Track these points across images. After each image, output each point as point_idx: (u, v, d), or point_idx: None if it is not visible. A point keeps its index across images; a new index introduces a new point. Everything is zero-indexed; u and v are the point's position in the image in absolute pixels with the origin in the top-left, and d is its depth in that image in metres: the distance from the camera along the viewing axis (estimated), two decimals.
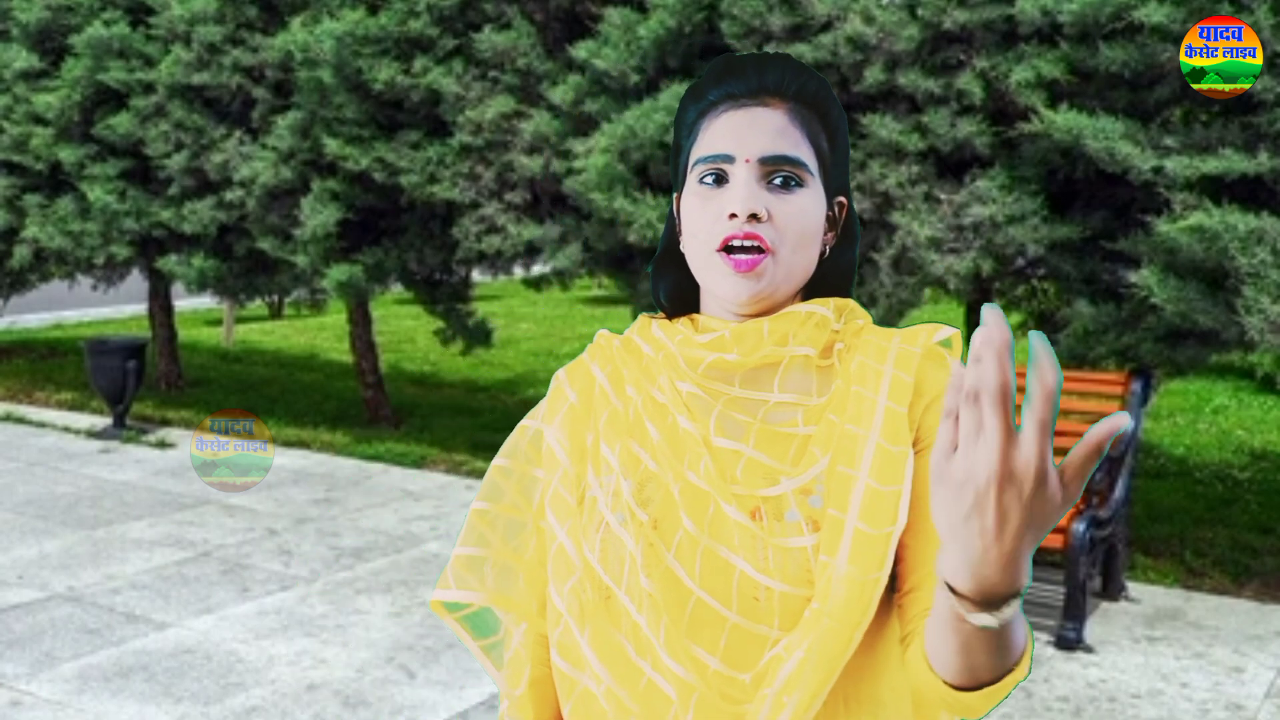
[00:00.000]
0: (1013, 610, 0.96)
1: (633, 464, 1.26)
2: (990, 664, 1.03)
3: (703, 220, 1.26)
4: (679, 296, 1.36)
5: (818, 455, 1.21)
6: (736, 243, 1.24)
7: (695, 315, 1.34)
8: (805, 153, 1.27)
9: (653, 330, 1.34)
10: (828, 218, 1.31)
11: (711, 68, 1.32)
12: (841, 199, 1.33)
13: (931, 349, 1.27)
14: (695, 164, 1.28)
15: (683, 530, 1.22)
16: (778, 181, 1.25)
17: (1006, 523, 0.88)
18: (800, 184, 1.26)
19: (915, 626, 1.16)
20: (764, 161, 1.25)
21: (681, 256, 1.34)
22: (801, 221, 1.25)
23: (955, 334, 1.28)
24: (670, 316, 1.36)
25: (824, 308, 1.28)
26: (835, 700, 1.18)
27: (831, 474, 1.19)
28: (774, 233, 1.24)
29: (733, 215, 1.23)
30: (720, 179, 1.26)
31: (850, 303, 1.32)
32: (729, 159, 1.26)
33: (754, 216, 1.23)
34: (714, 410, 1.26)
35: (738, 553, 1.19)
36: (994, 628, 0.97)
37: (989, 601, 0.95)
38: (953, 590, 0.96)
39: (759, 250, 1.23)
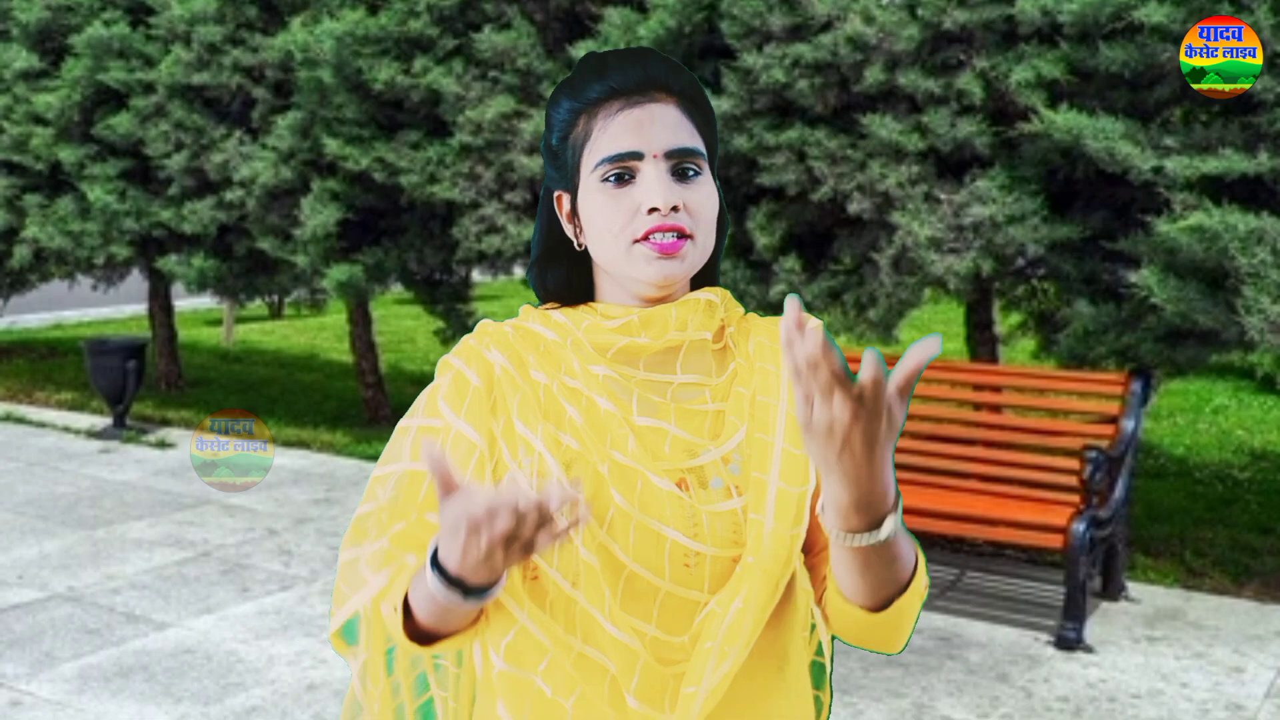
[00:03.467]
0: (894, 523, 1.13)
1: (555, 445, 1.29)
2: (890, 576, 1.18)
3: (617, 217, 1.30)
4: (567, 288, 1.39)
5: (737, 424, 1.31)
6: (659, 235, 1.28)
7: (593, 304, 1.37)
8: (699, 143, 1.33)
9: (555, 317, 1.37)
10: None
11: (585, 65, 1.35)
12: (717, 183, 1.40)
13: None
14: (599, 164, 1.30)
15: (614, 507, 1.26)
16: (683, 172, 1.31)
17: (873, 445, 1.05)
18: (699, 172, 1.32)
19: (828, 575, 1.28)
20: (669, 155, 1.30)
21: (567, 251, 1.38)
22: (709, 207, 1.32)
23: (819, 325, 1.39)
24: (561, 304, 1.39)
25: (715, 295, 1.36)
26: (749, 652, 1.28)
27: (750, 440, 1.30)
28: (690, 220, 1.30)
29: (653, 210, 1.28)
30: (624, 176, 1.30)
31: (727, 292, 1.41)
32: (638, 155, 1.29)
33: (674, 208, 1.28)
34: (633, 391, 1.32)
35: (669, 523, 1.26)
36: (883, 540, 1.13)
37: (874, 519, 1.12)
38: (843, 527, 1.13)
39: (680, 236, 1.29)
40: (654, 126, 1.30)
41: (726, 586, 1.26)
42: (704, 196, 1.31)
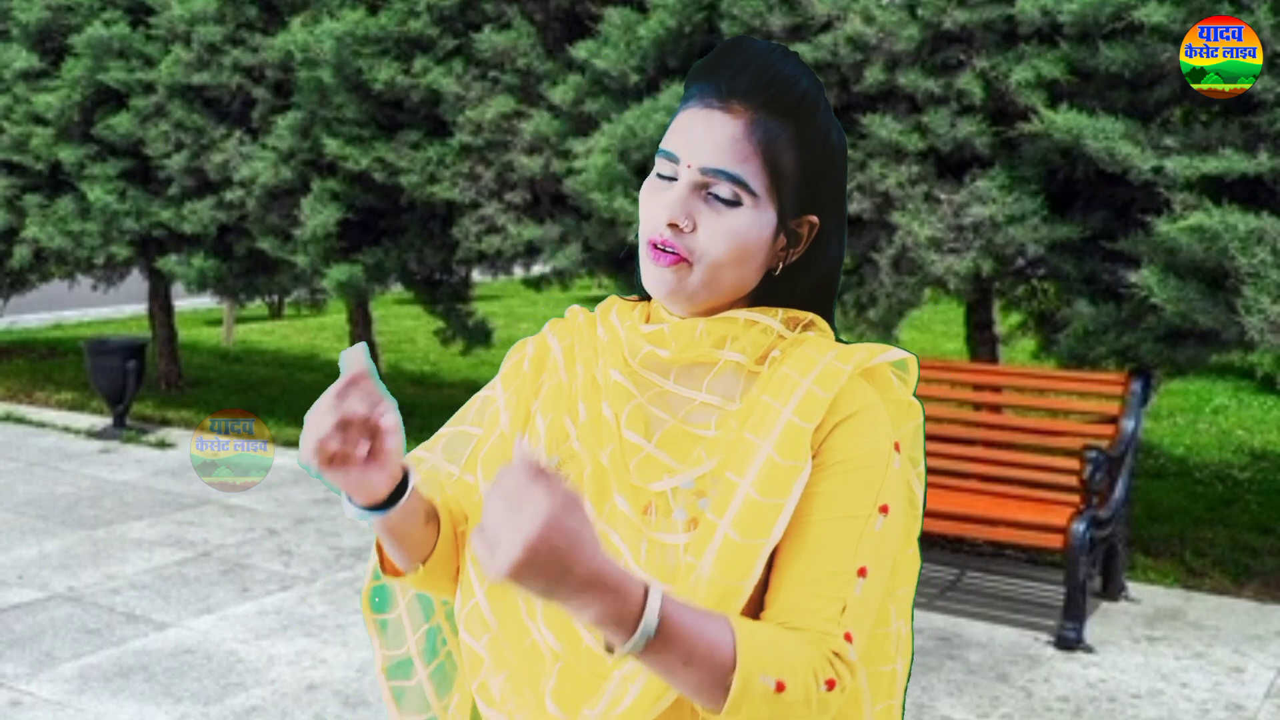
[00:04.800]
0: (627, 650, 1.06)
1: (560, 439, 1.31)
2: (686, 685, 1.11)
3: (645, 212, 1.29)
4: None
5: (703, 457, 1.23)
6: (658, 245, 1.25)
7: (650, 303, 1.37)
8: (753, 168, 1.24)
9: (611, 315, 1.37)
10: (788, 234, 1.28)
11: (715, 49, 1.31)
12: (813, 218, 1.29)
13: (875, 369, 1.27)
14: (657, 154, 1.30)
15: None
16: (715, 194, 1.24)
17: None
18: (733, 201, 1.24)
19: None
20: (704, 172, 1.24)
21: None
22: (730, 239, 1.24)
23: (911, 359, 1.29)
24: (643, 298, 1.39)
25: (769, 317, 1.28)
26: (683, 701, 1.19)
27: (719, 479, 1.21)
28: (694, 244, 1.24)
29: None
30: (670, 175, 1.27)
31: (809, 316, 1.30)
32: (674, 159, 1.26)
33: (673, 225, 1.24)
34: (630, 402, 1.28)
35: (625, 542, 1.22)
36: (615, 658, 1.08)
37: (606, 645, 1.09)
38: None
39: (674, 256, 1.24)
40: (703, 136, 1.24)
41: None
42: (727, 228, 1.23)
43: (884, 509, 1.21)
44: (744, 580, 1.16)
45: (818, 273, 1.31)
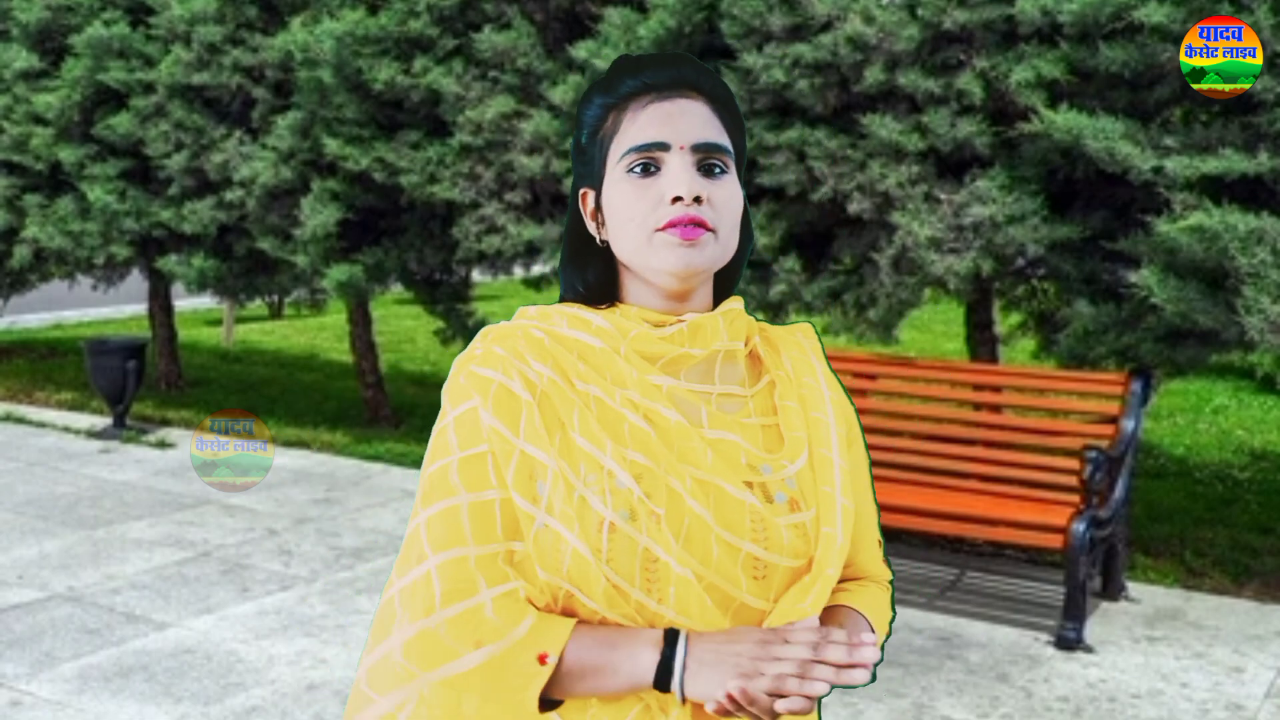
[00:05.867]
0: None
1: (622, 460, 1.25)
2: None
3: (640, 206, 1.28)
4: (599, 288, 1.37)
5: (802, 440, 1.32)
6: (682, 222, 1.27)
7: (622, 306, 1.35)
8: (726, 141, 1.33)
9: (596, 322, 1.33)
10: None
11: (619, 65, 1.35)
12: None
13: None
14: (625, 153, 1.30)
15: (690, 518, 1.24)
16: (708, 168, 1.30)
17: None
18: (725, 170, 1.31)
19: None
20: (696, 149, 1.29)
21: (594, 250, 1.36)
22: (733, 206, 1.32)
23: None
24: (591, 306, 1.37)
25: (741, 305, 1.38)
26: None
27: (814, 456, 1.32)
28: (713, 214, 1.29)
29: (676, 199, 1.27)
30: (649, 167, 1.29)
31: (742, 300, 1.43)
32: (664, 146, 1.29)
33: (697, 199, 1.28)
34: (702, 404, 1.31)
35: (744, 536, 1.26)
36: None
37: None
38: None
39: (701, 227, 1.28)
40: (683, 119, 1.30)
41: (792, 592, 1.27)
42: (728, 195, 1.31)
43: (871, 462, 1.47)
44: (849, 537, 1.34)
45: (747, 250, 1.40)
